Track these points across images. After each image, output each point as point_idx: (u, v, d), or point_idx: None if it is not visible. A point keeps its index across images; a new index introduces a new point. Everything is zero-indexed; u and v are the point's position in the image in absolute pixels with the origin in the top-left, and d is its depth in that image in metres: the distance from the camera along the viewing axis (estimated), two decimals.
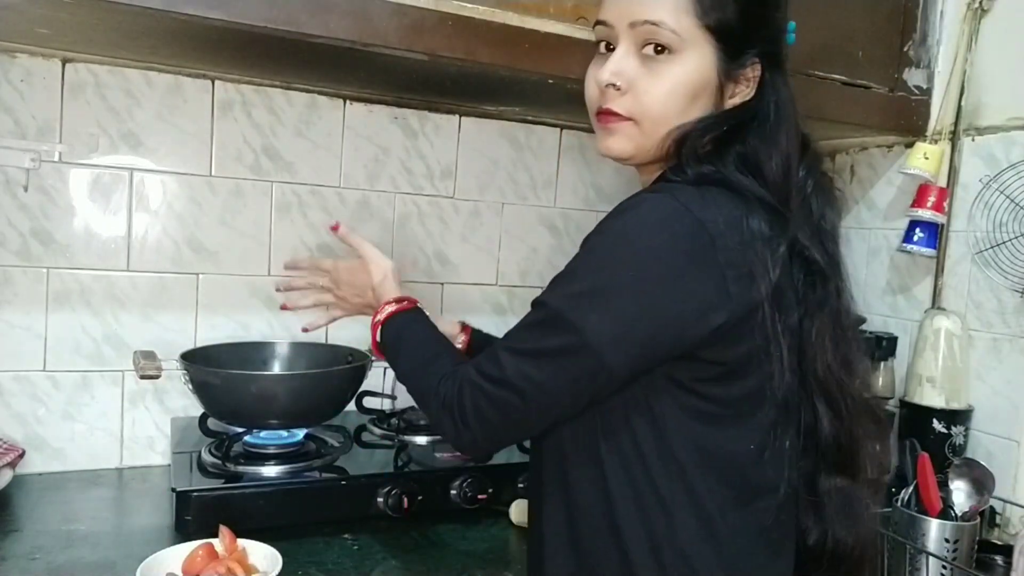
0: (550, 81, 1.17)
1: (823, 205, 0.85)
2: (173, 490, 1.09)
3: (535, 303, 0.79)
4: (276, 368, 1.41)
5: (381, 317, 0.99)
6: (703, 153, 0.79)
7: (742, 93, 0.82)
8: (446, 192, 1.59)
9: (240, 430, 1.25)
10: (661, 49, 0.78)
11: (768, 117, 0.81)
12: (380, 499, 1.16)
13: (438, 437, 1.38)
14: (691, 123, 0.79)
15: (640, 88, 0.79)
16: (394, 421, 1.42)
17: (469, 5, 1.08)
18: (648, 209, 0.74)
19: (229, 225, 1.42)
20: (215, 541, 0.98)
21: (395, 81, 1.35)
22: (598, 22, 0.84)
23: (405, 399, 1.54)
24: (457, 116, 1.58)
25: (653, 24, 0.77)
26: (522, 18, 1.12)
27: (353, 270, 1.10)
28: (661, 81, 0.78)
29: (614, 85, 0.80)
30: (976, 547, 1.14)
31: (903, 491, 1.18)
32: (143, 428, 1.38)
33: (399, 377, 0.94)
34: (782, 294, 0.76)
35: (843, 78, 1.38)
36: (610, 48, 0.82)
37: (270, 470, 1.18)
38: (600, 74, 0.81)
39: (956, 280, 1.42)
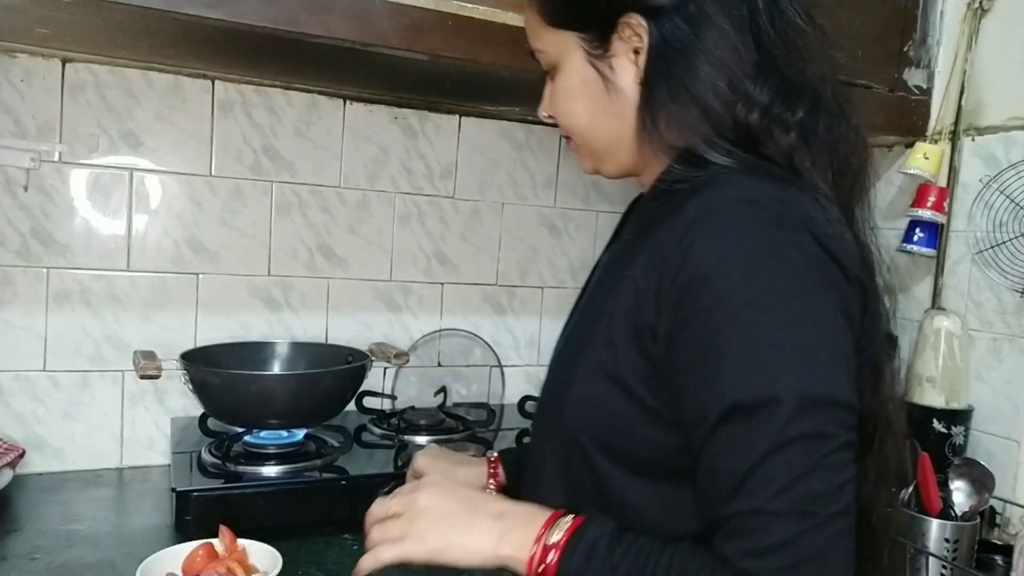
0: None
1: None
2: (173, 490, 1.09)
3: (745, 410, 0.58)
4: (276, 368, 1.41)
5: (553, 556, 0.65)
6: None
7: (638, 59, 0.72)
8: (446, 192, 1.59)
9: (240, 430, 1.25)
10: (552, 68, 0.79)
11: (675, 60, 0.69)
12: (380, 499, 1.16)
13: (438, 437, 1.38)
14: (650, 120, 0.71)
15: (554, 111, 0.81)
16: (394, 421, 1.42)
17: (469, 5, 1.08)
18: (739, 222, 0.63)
19: (229, 225, 1.42)
20: (215, 541, 0.98)
21: (395, 81, 1.35)
22: None
23: (405, 399, 1.55)
24: (457, 116, 1.58)
25: (534, 52, 0.80)
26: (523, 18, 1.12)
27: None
28: (556, 97, 0.80)
29: (546, 115, 0.83)
30: (976, 547, 1.15)
31: (903, 491, 1.18)
32: (143, 428, 1.37)
33: None
34: None
35: (843, 78, 1.37)
36: None
37: (270, 470, 1.18)
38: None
39: (956, 280, 1.42)
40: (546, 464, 0.74)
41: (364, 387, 1.34)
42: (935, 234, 1.42)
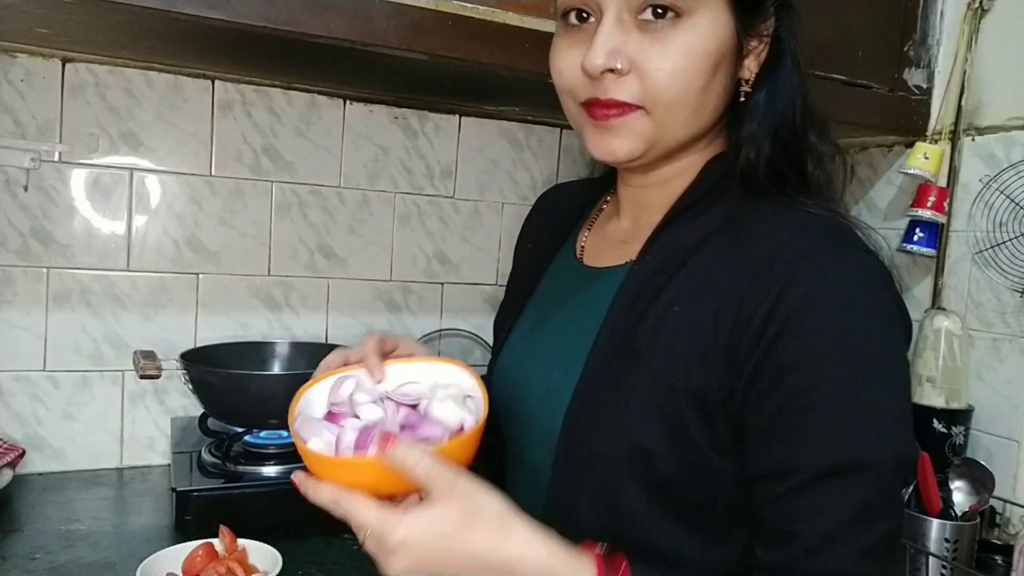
0: (550, 81, 1.17)
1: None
2: (173, 490, 1.09)
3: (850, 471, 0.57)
4: (276, 368, 1.41)
5: None
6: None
7: (756, 51, 0.67)
8: (446, 192, 1.59)
9: (240, 430, 1.25)
10: (663, 11, 0.61)
11: (790, 81, 0.67)
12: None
13: None
14: (767, 109, 0.67)
15: (647, 66, 0.62)
16: None
17: (469, 5, 1.08)
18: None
19: (229, 225, 1.42)
20: (215, 541, 0.98)
21: (395, 81, 1.35)
22: None
23: None
24: (457, 116, 1.58)
25: None
26: (522, 18, 1.12)
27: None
28: (672, 53, 0.62)
29: (613, 69, 0.62)
30: (976, 547, 1.15)
31: (903, 491, 1.18)
32: (143, 428, 1.37)
33: None
34: None
35: (843, 78, 1.37)
36: (583, 17, 0.65)
37: (270, 470, 1.18)
38: (590, 57, 0.62)
39: (956, 280, 1.42)
40: (578, 505, 0.66)
41: None
42: (935, 234, 1.42)
